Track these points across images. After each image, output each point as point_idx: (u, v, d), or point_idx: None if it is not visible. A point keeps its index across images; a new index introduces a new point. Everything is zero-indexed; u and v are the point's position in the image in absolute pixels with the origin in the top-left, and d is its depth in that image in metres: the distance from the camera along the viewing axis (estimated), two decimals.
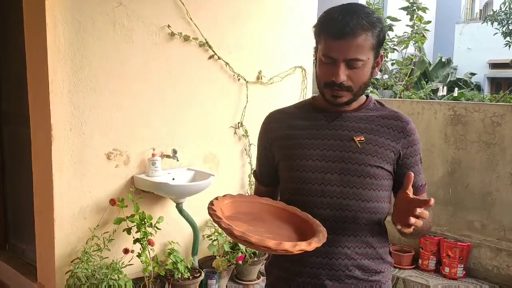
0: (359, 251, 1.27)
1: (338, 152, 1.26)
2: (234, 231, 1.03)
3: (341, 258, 1.25)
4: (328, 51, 1.19)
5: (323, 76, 1.23)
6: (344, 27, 1.15)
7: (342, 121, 1.29)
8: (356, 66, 1.19)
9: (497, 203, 3.41)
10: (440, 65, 12.79)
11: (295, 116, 1.37)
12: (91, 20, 2.56)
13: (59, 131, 2.50)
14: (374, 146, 1.25)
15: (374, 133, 1.27)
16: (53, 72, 2.44)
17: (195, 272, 2.95)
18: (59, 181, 2.52)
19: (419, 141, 1.31)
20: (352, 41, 1.16)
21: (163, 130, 2.96)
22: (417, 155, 1.30)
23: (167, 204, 3.00)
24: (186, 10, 2.96)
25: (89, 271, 2.47)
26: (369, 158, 1.24)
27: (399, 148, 1.27)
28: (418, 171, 1.30)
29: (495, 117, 3.39)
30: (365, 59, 1.19)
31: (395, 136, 1.27)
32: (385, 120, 1.29)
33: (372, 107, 1.32)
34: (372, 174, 1.24)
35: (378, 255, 1.30)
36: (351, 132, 1.27)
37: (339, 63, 1.18)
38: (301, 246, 1.05)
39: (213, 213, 1.10)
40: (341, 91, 1.21)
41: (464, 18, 18.07)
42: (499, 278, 3.28)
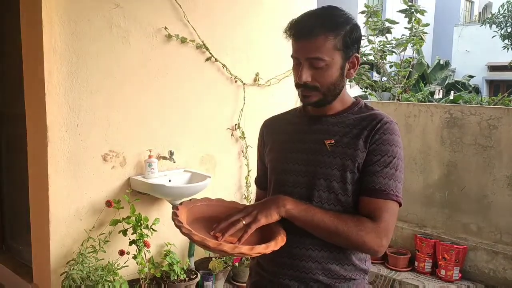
0: (325, 254, 1.23)
1: (309, 155, 1.26)
2: (193, 236, 1.07)
3: (304, 261, 1.24)
4: (293, 52, 1.24)
5: (295, 77, 1.26)
6: (302, 28, 1.20)
7: (320, 125, 1.29)
8: (318, 66, 1.19)
9: (493, 206, 3.42)
10: (438, 68, 12.80)
11: (284, 121, 1.41)
12: (88, 22, 2.57)
13: (55, 132, 2.50)
14: (343, 148, 1.22)
15: (346, 135, 1.24)
16: (49, 73, 2.44)
17: (191, 273, 2.95)
18: (55, 182, 2.52)
19: (394, 143, 1.21)
20: (309, 41, 1.18)
21: (159, 131, 2.96)
22: (385, 156, 1.19)
23: (164, 206, 3.00)
24: (183, 12, 2.96)
25: (84, 273, 2.46)
26: (337, 161, 1.22)
27: (368, 146, 1.21)
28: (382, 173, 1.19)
29: (492, 120, 3.39)
30: (328, 59, 1.18)
31: (367, 135, 1.22)
32: (362, 122, 1.25)
33: (356, 110, 1.30)
34: (339, 177, 1.21)
35: (349, 260, 1.25)
36: (324, 136, 1.26)
37: (302, 62, 1.21)
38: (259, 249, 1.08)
39: (175, 217, 1.14)
40: (308, 91, 1.23)
41: (463, 21, 18.11)
42: (495, 281, 3.28)
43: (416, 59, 10.84)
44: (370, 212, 1.18)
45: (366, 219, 1.17)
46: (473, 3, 19.73)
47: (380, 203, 1.18)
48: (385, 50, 9.03)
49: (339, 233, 1.16)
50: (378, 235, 1.16)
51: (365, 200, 1.20)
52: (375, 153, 1.20)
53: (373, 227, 1.16)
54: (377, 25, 8.77)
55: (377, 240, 1.16)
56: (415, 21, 8.67)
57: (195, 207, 1.26)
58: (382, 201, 1.18)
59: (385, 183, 1.18)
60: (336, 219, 1.17)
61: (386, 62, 9.42)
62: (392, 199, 1.19)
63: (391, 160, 1.20)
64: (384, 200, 1.18)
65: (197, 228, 1.15)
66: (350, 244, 1.19)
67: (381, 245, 1.17)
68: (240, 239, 1.11)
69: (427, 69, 12.23)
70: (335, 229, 1.16)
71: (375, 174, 1.19)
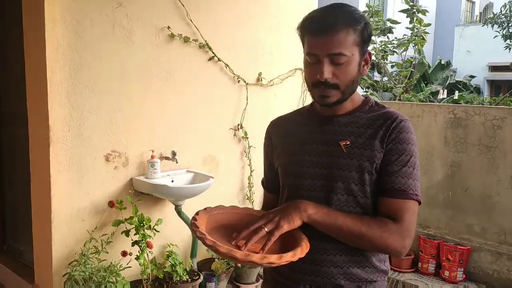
0: (346, 258, 1.21)
1: (324, 158, 1.23)
2: (219, 248, 1.03)
3: (326, 266, 1.21)
4: (310, 49, 1.19)
5: (309, 76, 1.21)
6: (324, 23, 1.16)
7: (332, 126, 1.26)
8: (340, 62, 1.16)
9: (498, 206, 3.40)
10: (439, 68, 12.79)
11: (293, 122, 1.38)
12: (90, 21, 2.55)
13: (58, 132, 2.48)
14: (360, 149, 1.20)
15: (361, 135, 1.21)
16: (51, 72, 2.42)
17: (194, 274, 2.93)
18: (57, 183, 2.51)
19: (411, 142, 1.20)
20: (333, 36, 1.15)
21: (162, 131, 2.95)
22: (402, 155, 1.18)
23: (166, 206, 2.98)
24: (186, 11, 2.94)
25: (86, 274, 2.44)
26: (354, 163, 1.19)
27: (385, 146, 1.19)
28: (401, 172, 1.18)
29: (496, 120, 3.37)
30: (349, 54, 1.16)
31: (383, 135, 1.20)
32: (376, 121, 1.23)
33: (367, 109, 1.27)
34: (358, 179, 1.19)
35: (370, 262, 1.23)
36: (338, 136, 1.23)
37: (323, 59, 1.16)
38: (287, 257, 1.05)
39: (195, 229, 1.10)
40: (328, 90, 1.19)
41: (464, 21, 18.10)
42: (500, 282, 3.26)
43: (418, 59, 10.83)
44: (391, 212, 1.17)
45: (388, 221, 1.16)
46: (474, 3, 19.72)
47: (401, 203, 1.17)
48: (387, 50, 9.02)
49: (362, 236, 1.14)
50: (401, 236, 1.15)
51: (385, 201, 1.18)
52: (393, 153, 1.18)
53: (396, 228, 1.15)
54: (378, 25, 8.76)
55: (401, 241, 1.15)
56: (416, 21, 8.66)
57: (211, 216, 1.21)
58: (402, 201, 1.17)
59: (404, 183, 1.17)
60: (358, 222, 1.15)
61: (388, 62, 9.40)
62: (412, 198, 1.18)
63: (409, 158, 1.19)
64: (405, 200, 1.17)
65: (217, 238, 1.11)
66: (374, 247, 1.18)
67: (404, 246, 1.16)
68: (264, 247, 1.07)
69: (428, 69, 12.21)
70: (358, 232, 1.14)
71: (394, 174, 1.18)
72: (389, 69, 9.69)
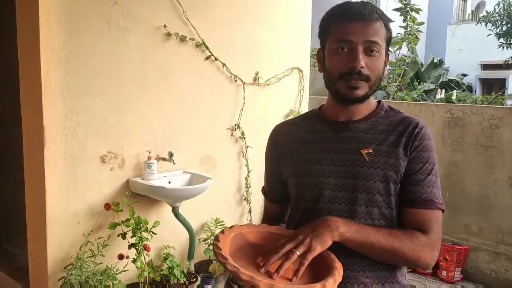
0: (370, 274, 1.15)
1: (345, 167, 1.16)
2: (241, 274, 0.93)
3: (349, 283, 1.14)
4: (344, 35, 1.12)
5: (338, 66, 1.14)
6: (362, 9, 1.13)
7: (350, 133, 1.19)
8: (374, 51, 1.12)
9: (495, 206, 3.40)
10: (432, 66, 12.83)
11: (302, 128, 1.29)
12: (86, 20, 2.50)
13: (52, 134, 2.43)
14: (383, 158, 1.14)
15: (383, 143, 1.16)
16: (46, 73, 2.36)
17: (191, 277, 2.90)
18: (52, 185, 2.45)
19: (433, 149, 1.17)
20: (371, 23, 1.12)
21: (159, 132, 2.90)
22: (426, 164, 1.14)
23: (163, 208, 2.94)
24: (182, 10, 2.90)
25: (82, 278, 2.40)
26: (378, 172, 1.14)
27: (408, 154, 1.14)
28: (426, 181, 1.14)
29: (493, 120, 3.37)
30: (381, 46, 1.13)
31: (405, 142, 1.15)
32: (396, 127, 1.18)
33: (383, 115, 1.22)
34: (383, 189, 1.14)
35: (394, 278, 1.18)
36: (358, 144, 1.17)
37: (357, 46, 1.11)
38: None
39: (217, 251, 0.99)
40: (359, 81, 1.12)
41: (456, 20, 18.19)
42: (497, 282, 3.27)
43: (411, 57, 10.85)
44: (419, 224, 1.13)
45: (418, 233, 1.11)
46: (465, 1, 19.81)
47: (429, 214, 1.13)
48: None
49: (395, 251, 1.09)
50: (431, 248, 1.11)
51: (412, 212, 1.14)
52: (417, 161, 1.14)
53: (426, 240, 1.11)
54: None
55: (431, 254, 1.12)
56: (410, 19, 8.66)
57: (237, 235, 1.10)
58: (430, 211, 1.13)
59: (430, 192, 1.14)
60: (390, 237, 1.09)
61: None
62: (438, 208, 1.14)
63: (432, 167, 1.16)
64: (432, 210, 1.13)
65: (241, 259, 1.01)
66: (405, 261, 1.13)
67: (434, 258, 1.13)
68: (297, 273, 0.97)
69: (421, 67, 12.24)
70: (391, 248, 1.09)
71: (420, 184, 1.13)
72: None
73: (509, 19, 11.58)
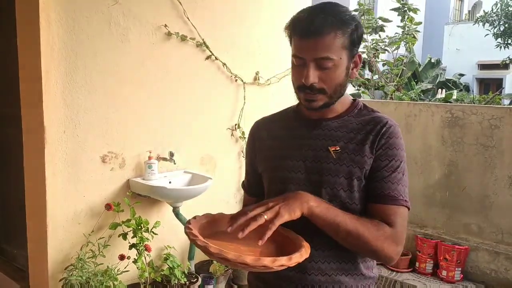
0: (335, 266, 1.18)
1: (313, 163, 1.19)
2: (210, 248, 0.98)
3: (314, 274, 1.17)
4: (297, 51, 1.15)
5: (296, 78, 1.17)
6: (310, 25, 1.11)
7: (321, 130, 1.22)
8: (326, 67, 1.12)
9: (495, 206, 3.40)
10: (429, 66, 12.85)
11: (278, 125, 1.32)
12: (86, 19, 2.48)
13: (53, 134, 2.42)
14: (349, 155, 1.17)
15: (351, 141, 1.19)
16: (46, 72, 2.35)
17: (192, 277, 2.89)
18: (52, 185, 2.44)
19: (400, 147, 1.19)
20: (319, 40, 1.11)
21: (159, 132, 2.89)
22: (392, 161, 1.16)
23: (163, 208, 2.93)
24: (183, 9, 2.89)
25: (83, 279, 2.39)
26: (343, 169, 1.16)
27: (374, 152, 1.17)
28: (390, 178, 1.16)
29: (493, 120, 3.37)
30: (336, 58, 1.12)
31: (372, 140, 1.18)
32: (365, 126, 1.20)
33: (356, 113, 1.25)
34: (346, 185, 1.17)
35: (358, 270, 1.20)
36: (327, 142, 1.20)
37: (308, 63, 1.12)
38: (281, 261, 0.99)
39: (189, 231, 1.05)
40: (313, 95, 1.15)
41: (453, 19, 18.24)
42: (497, 282, 3.27)
43: (408, 57, 10.87)
44: (383, 219, 1.14)
45: (384, 225, 1.13)
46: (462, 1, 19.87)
47: (392, 209, 1.15)
48: (378, 48, 9.02)
49: (359, 236, 1.10)
50: (395, 241, 1.13)
51: (375, 207, 1.16)
52: (382, 159, 1.17)
53: (390, 232, 1.13)
54: (370, 23, 8.76)
55: (394, 247, 1.13)
56: (408, 19, 8.68)
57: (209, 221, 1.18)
58: (393, 207, 1.15)
59: (394, 189, 1.15)
60: (357, 222, 1.11)
61: (379, 60, 9.41)
62: (402, 205, 1.16)
63: (398, 164, 1.17)
64: (395, 206, 1.15)
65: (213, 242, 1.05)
66: (368, 249, 1.13)
67: (397, 252, 1.14)
68: (263, 238, 1.00)
69: (419, 67, 12.27)
70: (356, 231, 1.10)
71: (384, 180, 1.16)
72: (380, 68, 9.71)
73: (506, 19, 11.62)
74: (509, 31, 11.65)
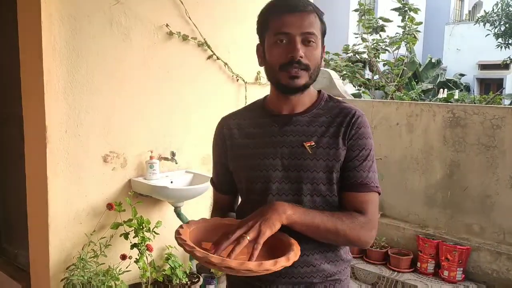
0: (318, 256, 1.23)
1: (290, 160, 1.22)
2: (196, 252, 1.00)
3: (300, 266, 1.21)
4: (282, 28, 1.18)
5: (278, 58, 1.19)
6: (297, 2, 1.18)
7: (293, 126, 1.25)
8: (311, 42, 1.17)
9: (497, 206, 3.40)
10: (430, 66, 12.86)
11: (248, 122, 1.32)
12: (88, 18, 2.48)
13: (54, 133, 2.41)
14: (325, 149, 1.21)
15: (324, 135, 1.22)
16: (48, 72, 2.35)
17: (193, 277, 2.89)
18: (54, 185, 2.44)
19: (369, 136, 1.24)
20: (306, 15, 1.17)
21: (161, 131, 2.89)
22: (363, 150, 1.22)
23: (165, 207, 2.93)
24: (185, 9, 2.89)
25: (85, 278, 2.39)
26: (321, 163, 1.20)
27: (346, 143, 1.21)
28: (362, 166, 1.21)
29: (495, 120, 3.37)
30: (318, 37, 1.19)
31: (344, 132, 1.22)
32: (335, 119, 1.24)
33: (323, 105, 1.28)
34: (326, 179, 1.20)
35: (338, 257, 1.27)
36: (301, 138, 1.23)
37: (295, 37, 1.16)
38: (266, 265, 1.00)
39: (183, 243, 1.05)
40: (299, 71, 1.17)
41: (453, 20, 18.23)
42: (499, 282, 3.27)
43: (409, 57, 10.86)
44: (357, 206, 1.20)
45: (357, 214, 1.19)
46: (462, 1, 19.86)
47: (365, 196, 1.21)
48: (379, 48, 9.02)
49: (338, 232, 1.15)
50: (369, 227, 1.19)
51: (350, 195, 1.21)
52: (354, 148, 1.21)
53: (364, 220, 1.19)
54: (370, 23, 8.76)
55: (369, 233, 1.20)
56: (408, 19, 8.67)
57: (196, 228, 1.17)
58: (366, 194, 1.21)
59: (366, 176, 1.21)
60: (333, 218, 1.16)
61: (380, 60, 9.41)
62: (374, 191, 1.22)
63: (368, 153, 1.23)
64: (367, 193, 1.21)
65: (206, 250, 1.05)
66: (347, 240, 1.19)
67: (372, 237, 1.21)
68: (251, 258, 1.02)
69: (419, 67, 12.27)
70: (335, 228, 1.15)
71: (356, 169, 1.21)
72: (380, 68, 9.70)
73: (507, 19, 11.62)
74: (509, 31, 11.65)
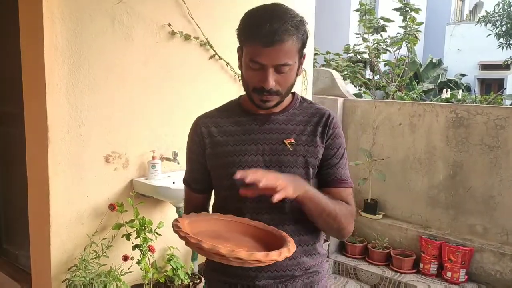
0: (298, 249, 1.25)
1: (271, 157, 1.26)
2: (190, 239, 1.04)
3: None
4: (256, 57, 1.17)
5: (252, 81, 1.21)
6: (273, 35, 1.14)
7: (272, 124, 1.30)
8: (284, 71, 1.19)
9: (500, 207, 3.39)
10: (431, 66, 12.86)
11: (226, 120, 1.34)
12: (90, 17, 2.46)
13: (56, 133, 2.39)
14: (304, 146, 1.27)
15: (302, 133, 1.29)
16: (50, 71, 2.33)
17: (195, 278, 2.87)
18: (55, 185, 2.42)
19: (342, 135, 1.33)
20: (281, 48, 1.15)
21: (163, 131, 2.87)
22: (339, 149, 1.31)
23: (166, 208, 2.91)
24: (187, 8, 2.87)
25: (87, 279, 2.36)
26: (300, 159, 1.26)
27: (324, 142, 1.29)
28: (340, 164, 1.30)
29: (499, 120, 3.36)
30: (293, 63, 1.20)
31: (321, 132, 1.29)
32: (311, 118, 1.31)
33: (298, 106, 1.34)
34: (304, 174, 1.26)
35: (316, 250, 1.33)
36: (281, 135, 1.28)
37: (268, 68, 1.17)
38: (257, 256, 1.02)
39: (178, 230, 1.09)
40: (270, 96, 1.21)
41: (454, 20, 18.22)
42: (502, 283, 3.25)
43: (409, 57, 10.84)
44: (342, 200, 1.28)
45: (346, 204, 1.28)
46: (463, 1, 19.85)
47: (345, 191, 1.30)
48: (380, 48, 8.99)
49: (336, 216, 1.23)
50: (353, 218, 1.31)
51: (331, 191, 1.28)
52: (332, 147, 1.29)
53: (352, 211, 1.30)
54: (371, 23, 8.74)
55: (352, 222, 1.31)
56: (409, 19, 8.65)
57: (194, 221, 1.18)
58: (345, 189, 1.30)
59: (344, 173, 1.31)
60: (335, 202, 1.24)
61: (380, 60, 9.39)
62: (350, 186, 1.32)
63: (343, 151, 1.32)
64: (346, 188, 1.31)
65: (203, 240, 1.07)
66: (338, 227, 1.26)
67: (352, 229, 1.31)
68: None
69: (420, 67, 12.26)
70: (335, 211, 1.23)
71: (335, 166, 1.30)
72: (381, 68, 9.68)
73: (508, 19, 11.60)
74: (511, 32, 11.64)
